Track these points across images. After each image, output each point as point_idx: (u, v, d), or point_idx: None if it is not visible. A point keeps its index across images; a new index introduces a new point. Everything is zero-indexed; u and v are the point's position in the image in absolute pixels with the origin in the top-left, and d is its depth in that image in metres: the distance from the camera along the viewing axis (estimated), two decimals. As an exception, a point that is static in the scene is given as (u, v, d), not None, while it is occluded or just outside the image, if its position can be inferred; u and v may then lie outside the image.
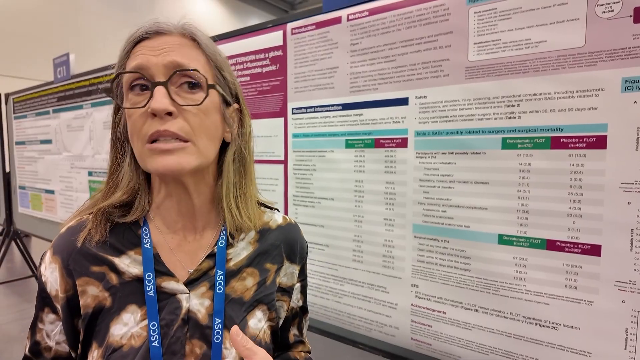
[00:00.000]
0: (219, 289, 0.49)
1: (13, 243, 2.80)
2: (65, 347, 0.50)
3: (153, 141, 0.44)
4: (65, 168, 2.06)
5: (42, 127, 2.23)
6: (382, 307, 0.95)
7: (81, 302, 0.48)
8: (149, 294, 0.47)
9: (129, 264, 0.49)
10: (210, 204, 0.54)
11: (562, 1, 0.68)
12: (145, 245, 0.49)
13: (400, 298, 0.92)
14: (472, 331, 0.82)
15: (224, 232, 0.53)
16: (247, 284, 0.53)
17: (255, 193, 0.57)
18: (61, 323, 0.49)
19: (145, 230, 0.50)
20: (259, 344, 0.50)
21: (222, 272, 0.50)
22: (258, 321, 0.52)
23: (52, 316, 0.50)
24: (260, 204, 0.60)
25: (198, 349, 0.47)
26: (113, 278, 0.48)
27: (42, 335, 0.50)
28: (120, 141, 0.52)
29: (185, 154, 0.45)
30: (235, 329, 0.42)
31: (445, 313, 0.85)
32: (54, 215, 2.21)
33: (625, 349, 0.66)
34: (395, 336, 0.94)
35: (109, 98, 1.76)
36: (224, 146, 0.53)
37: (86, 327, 0.47)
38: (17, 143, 2.49)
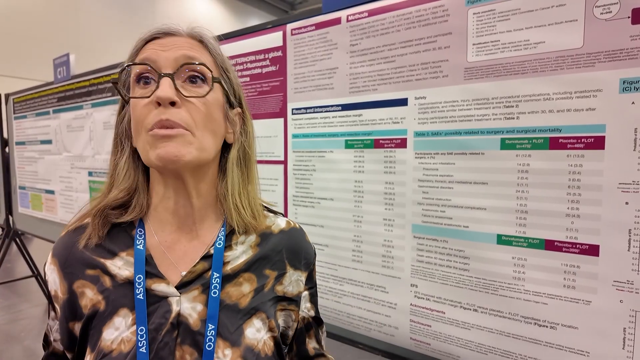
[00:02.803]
0: (214, 293, 0.47)
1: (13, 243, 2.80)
2: (60, 346, 0.51)
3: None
4: (66, 168, 2.06)
5: (42, 127, 2.23)
6: (381, 307, 0.95)
7: (81, 304, 0.48)
8: (138, 297, 0.46)
9: (121, 267, 0.48)
10: (211, 206, 0.53)
11: (560, 2, 0.68)
12: (137, 247, 0.48)
13: (400, 298, 0.92)
14: (471, 331, 0.82)
15: (222, 233, 0.51)
16: (243, 290, 0.50)
17: (257, 193, 0.57)
18: (58, 322, 0.50)
19: (140, 231, 0.50)
20: (257, 355, 0.47)
21: (218, 275, 0.48)
22: (257, 331, 0.49)
23: (52, 313, 0.52)
24: (264, 208, 0.59)
25: (188, 356, 0.45)
26: (106, 281, 0.48)
27: (48, 328, 0.53)
28: (121, 138, 0.52)
29: (185, 143, 0.44)
30: None
31: (444, 313, 0.86)
32: (54, 215, 2.21)
33: (623, 348, 0.67)
34: (394, 336, 0.94)
35: (109, 98, 1.76)
36: (227, 148, 0.54)
37: (82, 331, 0.47)
38: (17, 143, 2.49)
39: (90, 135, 1.88)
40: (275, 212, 0.60)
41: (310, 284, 0.58)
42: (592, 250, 0.68)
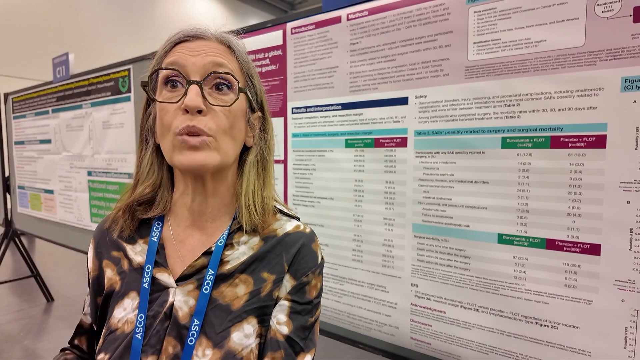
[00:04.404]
0: (205, 289, 0.48)
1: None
2: (88, 319, 0.57)
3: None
4: (65, 168, 2.06)
5: (41, 126, 2.23)
6: (381, 306, 0.95)
7: (104, 281, 0.53)
8: (144, 285, 0.49)
9: (137, 253, 0.53)
10: (225, 205, 0.54)
11: (561, 0, 0.68)
12: (152, 238, 0.52)
13: (400, 297, 0.92)
14: (471, 330, 0.82)
15: (226, 231, 0.52)
16: (237, 292, 0.49)
17: (272, 195, 0.57)
18: (89, 297, 0.56)
19: (158, 224, 0.53)
20: None
21: (212, 272, 0.49)
22: (245, 336, 0.47)
23: (88, 289, 0.57)
24: (280, 211, 0.57)
25: (171, 348, 0.46)
26: (125, 264, 0.53)
27: (84, 302, 0.59)
28: (146, 135, 0.54)
29: (210, 151, 0.47)
30: None
31: (444, 312, 0.85)
32: (53, 215, 2.21)
33: (624, 348, 0.66)
34: (395, 335, 0.94)
35: (109, 98, 1.76)
36: (245, 150, 0.55)
37: (102, 305, 0.53)
38: (17, 143, 2.49)
39: (89, 135, 1.88)
40: (290, 216, 0.57)
41: (298, 297, 0.51)
42: (594, 249, 0.68)
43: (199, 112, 0.46)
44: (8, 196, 2.67)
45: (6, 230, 2.73)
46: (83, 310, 0.59)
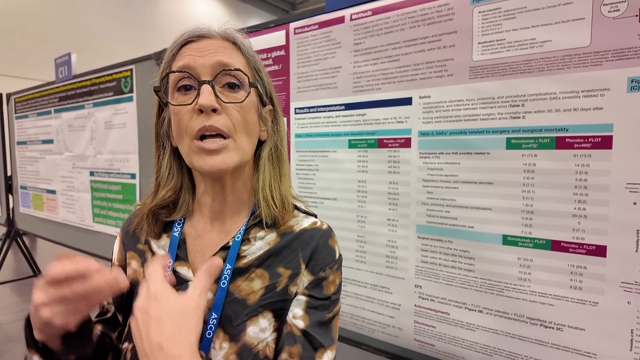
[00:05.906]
0: (223, 284, 0.49)
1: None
2: (111, 307, 0.58)
3: (200, 137, 0.47)
4: (67, 168, 2.06)
5: (43, 127, 2.23)
6: (385, 307, 0.95)
7: (127, 272, 0.55)
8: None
9: (161, 247, 0.55)
10: (244, 202, 0.55)
11: (567, 0, 0.68)
12: (174, 234, 0.54)
13: (404, 299, 0.91)
14: (476, 332, 0.81)
15: (243, 226, 0.53)
16: (253, 286, 0.50)
17: (289, 187, 0.57)
18: None
19: (180, 220, 0.55)
20: (254, 355, 0.46)
21: (230, 267, 0.50)
22: (260, 331, 0.48)
23: None
24: (297, 208, 0.57)
25: None
26: (149, 257, 0.55)
27: None
28: (162, 139, 0.55)
29: (228, 152, 0.48)
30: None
31: (449, 314, 0.85)
32: (55, 215, 2.21)
33: (630, 350, 0.66)
34: (398, 337, 0.94)
35: (111, 98, 1.76)
36: (259, 145, 0.56)
37: (126, 296, 0.53)
38: (19, 143, 2.49)
39: (91, 135, 1.88)
40: (307, 213, 0.58)
41: (315, 292, 0.50)
42: (599, 250, 0.68)
43: (214, 111, 0.47)
44: (10, 196, 2.67)
45: (8, 230, 2.73)
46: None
